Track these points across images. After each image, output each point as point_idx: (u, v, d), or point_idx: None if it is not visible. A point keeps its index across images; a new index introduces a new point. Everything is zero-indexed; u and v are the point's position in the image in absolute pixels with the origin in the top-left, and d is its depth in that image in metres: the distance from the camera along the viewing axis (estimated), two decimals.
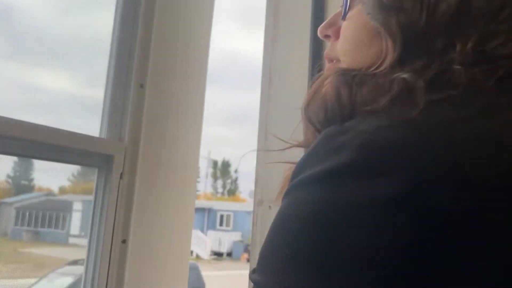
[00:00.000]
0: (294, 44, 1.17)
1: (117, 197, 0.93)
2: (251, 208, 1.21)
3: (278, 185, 0.51)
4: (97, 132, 1.00)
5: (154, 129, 1.01)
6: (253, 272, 0.39)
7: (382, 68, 0.43)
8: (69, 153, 0.89)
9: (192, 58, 1.13)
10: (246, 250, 16.96)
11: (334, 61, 0.55)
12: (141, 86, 0.98)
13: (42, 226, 4.93)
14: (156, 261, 1.00)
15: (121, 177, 0.94)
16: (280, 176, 0.54)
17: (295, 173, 0.40)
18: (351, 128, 0.38)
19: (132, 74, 0.99)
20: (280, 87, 1.16)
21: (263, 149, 1.13)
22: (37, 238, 4.88)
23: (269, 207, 1.03)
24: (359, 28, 0.49)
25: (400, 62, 0.42)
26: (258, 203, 1.08)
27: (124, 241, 0.94)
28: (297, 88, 1.10)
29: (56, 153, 0.88)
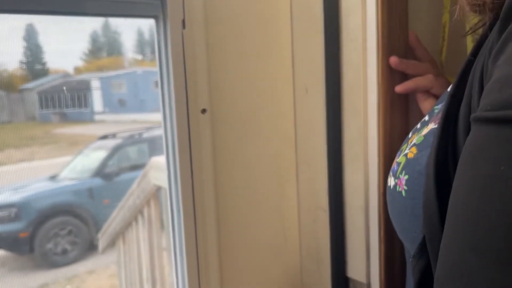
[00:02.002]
0: None
1: (183, 53, 0.70)
2: None
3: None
4: None
5: None
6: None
7: None
8: (111, 1, 0.68)
9: None
10: None
11: None
12: None
13: (67, 106, 6.02)
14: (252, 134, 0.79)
15: (183, 26, 0.69)
16: None
17: None
18: None
19: None
20: None
21: None
22: (65, 119, 6.08)
23: None
24: None
25: None
26: None
27: (204, 111, 0.73)
28: None
29: (95, 4, 0.67)
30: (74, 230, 4.02)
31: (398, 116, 0.69)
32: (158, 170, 1.89)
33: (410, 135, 0.53)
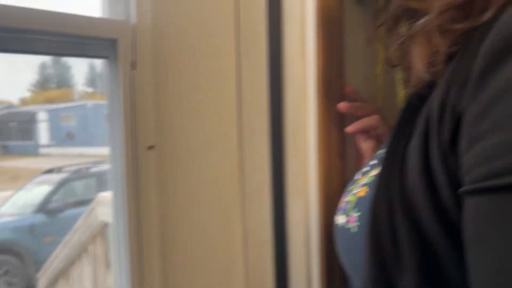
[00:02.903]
0: None
1: (133, 93, 0.73)
2: None
3: None
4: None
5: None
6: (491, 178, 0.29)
7: None
8: (62, 41, 0.69)
9: None
10: None
11: None
12: None
13: (9, 139, 5.75)
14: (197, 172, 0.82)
15: (133, 67, 0.73)
16: None
17: None
18: None
19: None
20: None
21: None
22: (7, 152, 5.80)
23: None
24: None
25: None
26: None
27: (151, 147, 0.75)
28: None
29: (46, 43, 0.68)
30: (11, 270, 3.76)
31: (336, 156, 0.75)
32: (106, 205, 1.85)
33: (359, 176, 0.56)
